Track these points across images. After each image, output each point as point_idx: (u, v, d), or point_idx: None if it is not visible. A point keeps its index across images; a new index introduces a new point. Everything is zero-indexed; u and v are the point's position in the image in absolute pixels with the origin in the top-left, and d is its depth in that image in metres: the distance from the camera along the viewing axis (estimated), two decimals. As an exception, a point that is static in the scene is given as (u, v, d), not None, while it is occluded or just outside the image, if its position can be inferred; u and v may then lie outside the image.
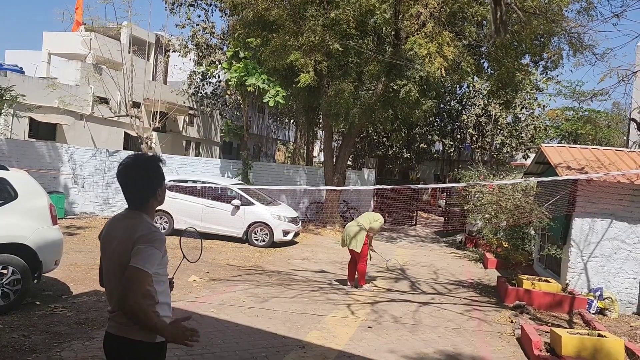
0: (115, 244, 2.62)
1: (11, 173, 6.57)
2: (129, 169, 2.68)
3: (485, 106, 26.13)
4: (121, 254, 2.56)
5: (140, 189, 2.69)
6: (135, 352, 2.62)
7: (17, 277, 6.18)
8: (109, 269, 2.67)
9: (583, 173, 8.61)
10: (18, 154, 14.76)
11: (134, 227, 2.60)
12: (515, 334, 6.93)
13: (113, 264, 2.62)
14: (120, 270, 2.55)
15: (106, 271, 2.71)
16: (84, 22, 22.15)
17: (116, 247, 2.61)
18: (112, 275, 2.64)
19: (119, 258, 2.57)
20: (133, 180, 2.68)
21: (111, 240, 2.66)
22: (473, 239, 15.27)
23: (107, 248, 2.68)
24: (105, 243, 2.71)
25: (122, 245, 2.57)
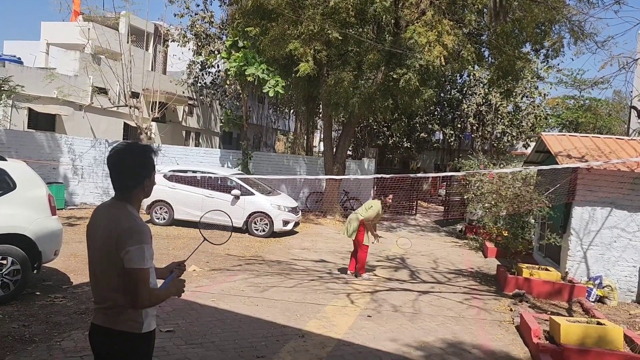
0: (99, 233, 2.58)
1: (9, 163, 6.55)
2: (119, 155, 2.62)
3: (486, 95, 26.02)
4: (105, 244, 2.53)
5: (127, 178, 2.62)
6: (122, 343, 2.59)
7: (17, 267, 6.18)
8: (95, 259, 2.62)
9: (583, 161, 8.58)
10: (17, 145, 14.73)
11: (118, 220, 2.55)
12: (515, 322, 6.95)
13: (99, 253, 2.58)
14: (106, 261, 2.54)
15: (92, 262, 2.66)
16: (81, 12, 22.01)
17: (101, 237, 2.57)
18: (95, 265, 2.61)
19: (104, 247, 2.54)
20: (121, 168, 2.61)
21: (96, 229, 2.62)
22: (473, 228, 15.28)
23: (92, 238, 2.64)
24: (90, 233, 2.67)
25: (106, 235, 2.53)
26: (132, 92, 17.77)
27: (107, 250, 2.52)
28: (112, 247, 2.49)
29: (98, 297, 2.63)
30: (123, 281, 2.51)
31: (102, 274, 2.57)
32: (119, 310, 2.57)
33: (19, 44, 27.48)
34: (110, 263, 2.52)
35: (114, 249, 2.49)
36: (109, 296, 2.57)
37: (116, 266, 2.50)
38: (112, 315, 2.57)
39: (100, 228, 2.58)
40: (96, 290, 2.64)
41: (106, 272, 2.55)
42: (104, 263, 2.55)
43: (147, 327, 2.64)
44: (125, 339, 2.59)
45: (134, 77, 17.69)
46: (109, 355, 2.63)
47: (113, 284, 2.54)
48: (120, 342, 2.60)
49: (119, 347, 2.60)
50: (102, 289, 2.59)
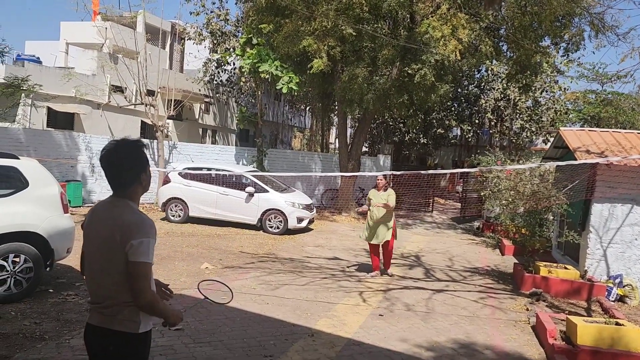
0: (100, 231, 2.56)
1: (22, 162, 6.60)
2: (112, 153, 2.58)
3: (504, 90, 25.62)
4: (108, 240, 2.50)
5: (124, 175, 2.60)
6: (118, 343, 2.56)
7: (30, 265, 6.23)
8: (94, 257, 2.59)
9: (602, 157, 8.35)
10: (36, 144, 14.92)
11: (121, 215, 2.54)
12: (530, 322, 6.79)
13: (100, 250, 2.55)
14: (107, 259, 2.52)
15: (89, 260, 2.63)
16: (99, 12, 22.23)
17: (101, 235, 2.54)
18: (94, 263, 2.59)
19: (107, 244, 2.51)
20: (117, 165, 2.59)
21: (96, 228, 2.60)
22: (490, 225, 15.05)
23: (91, 236, 2.62)
24: (88, 231, 2.64)
25: (109, 231, 2.50)
26: (149, 90, 17.87)
27: (110, 246, 2.50)
28: (116, 242, 2.48)
29: (96, 297, 2.60)
30: (124, 278, 2.49)
31: (103, 272, 2.55)
32: (117, 310, 2.54)
33: (40, 44, 27.92)
34: (112, 260, 2.50)
35: (118, 244, 2.47)
36: (109, 294, 2.54)
37: (119, 262, 2.49)
38: (109, 315, 2.54)
39: (101, 226, 2.56)
40: (94, 289, 2.61)
41: (108, 269, 2.52)
42: (106, 260, 2.53)
43: (144, 327, 2.61)
44: (122, 339, 2.56)
45: (150, 75, 17.79)
46: (105, 356, 2.60)
47: (114, 282, 2.52)
48: (117, 343, 2.56)
49: (116, 348, 2.57)
50: (102, 288, 2.57)
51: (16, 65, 18.39)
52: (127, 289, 2.51)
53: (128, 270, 2.47)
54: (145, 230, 2.51)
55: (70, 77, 17.94)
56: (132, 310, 2.55)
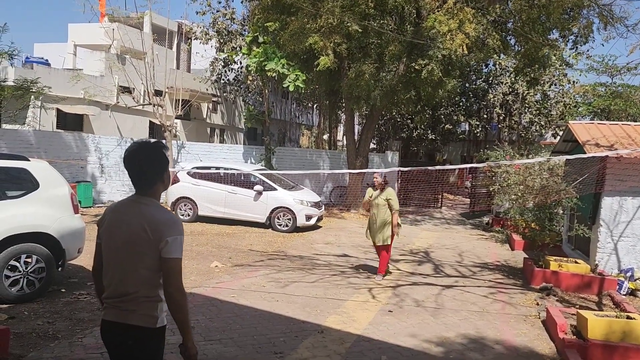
0: (125, 228, 2.62)
1: (32, 163, 6.68)
2: (136, 154, 2.68)
3: (513, 84, 25.45)
4: (136, 238, 2.58)
5: (149, 174, 2.69)
6: (137, 338, 2.63)
7: (41, 265, 6.31)
8: (115, 253, 2.65)
9: (612, 150, 8.28)
10: (46, 145, 15.06)
11: (151, 213, 2.62)
12: (541, 316, 6.77)
13: (126, 248, 2.61)
14: (133, 254, 2.59)
15: (108, 257, 2.69)
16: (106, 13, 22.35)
17: (128, 232, 2.60)
18: (117, 260, 2.64)
19: (134, 241, 2.58)
20: (142, 165, 2.68)
21: (119, 225, 2.65)
22: (500, 220, 14.99)
23: (115, 233, 2.66)
24: (111, 229, 2.68)
25: (138, 229, 2.58)
26: (156, 91, 17.96)
27: (139, 242, 2.57)
28: (147, 238, 2.55)
29: (115, 292, 2.65)
30: (149, 273, 2.60)
31: (127, 267, 2.61)
32: (136, 304, 2.62)
33: (48, 46, 28.10)
34: (141, 255, 2.58)
35: (150, 240, 2.55)
36: (131, 290, 2.61)
37: (147, 258, 2.58)
38: (127, 309, 2.62)
39: (129, 223, 2.62)
40: (114, 285, 2.66)
41: (134, 264, 2.59)
42: (134, 255, 2.59)
43: (161, 322, 2.69)
44: (141, 333, 2.63)
45: (157, 75, 17.87)
46: (124, 350, 2.67)
47: (139, 277, 2.60)
48: (136, 337, 2.63)
49: (134, 342, 2.64)
50: (124, 283, 2.62)
51: (25, 67, 18.56)
52: (150, 285, 2.62)
53: (162, 267, 2.57)
54: (178, 227, 2.62)
55: (79, 78, 18.08)
56: (150, 305, 2.64)
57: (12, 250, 6.09)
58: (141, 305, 2.62)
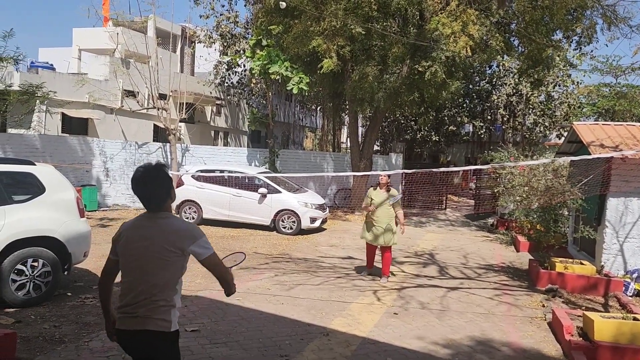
0: (147, 242, 2.84)
1: (38, 168, 6.71)
2: (144, 179, 2.91)
3: (516, 85, 25.40)
4: (160, 249, 2.81)
5: (162, 192, 2.93)
6: (158, 342, 2.83)
7: (48, 269, 6.34)
8: (137, 264, 2.85)
9: (617, 151, 8.26)
10: (51, 149, 15.13)
11: (172, 225, 2.90)
12: (547, 318, 6.75)
13: (149, 258, 2.82)
14: (156, 264, 2.82)
15: (128, 268, 2.88)
16: (110, 17, 22.47)
17: (151, 244, 2.83)
18: (139, 270, 2.84)
19: (158, 253, 2.81)
20: (155, 186, 2.91)
21: (140, 239, 2.86)
22: (505, 221, 14.94)
23: (136, 247, 2.86)
24: (132, 243, 2.88)
25: (161, 241, 2.83)
26: (160, 94, 18.03)
27: (162, 253, 2.81)
28: (171, 247, 2.82)
29: (134, 300, 2.82)
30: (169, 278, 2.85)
31: (150, 277, 2.82)
32: (153, 310, 2.81)
33: (53, 50, 28.26)
34: (163, 264, 2.82)
35: (175, 248, 2.82)
36: (148, 296, 2.81)
37: (170, 266, 2.84)
38: (143, 315, 2.80)
39: (149, 237, 2.85)
40: (133, 294, 2.83)
41: (156, 273, 2.82)
42: (156, 266, 2.82)
43: (174, 327, 2.89)
44: (159, 338, 2.83)
45: (162, 79, 17.94)
46: (146, 356, 2.87)
47: (159, 282, 2.83)
48: (154, 342, 2.83)
49: (154, 347, 2.84)
50: (142, 292, 2.81)
51: (30, 72, 18.67)
52: (169, 291, 2.86)
53: (205, 267, 2.90)
54: (197, 231, 2.92)
55: (84, 82, 18.16)
56: (165, 310, 2.83)
57: (19, 255, 6.13)
58: (157, 310, 2.81)
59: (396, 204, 8.42)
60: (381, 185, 8.50)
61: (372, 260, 8.88)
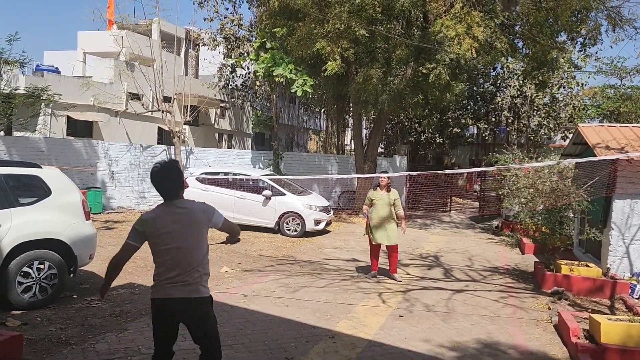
0: (182, 225, 3.49)
1: (44, 170, 6.74)
2: (164, 172, 3.54)
3: (521, 87, 25.36)
4: (197, 226, 3.54)
5: (177, 184, 3.59)
6: (203, 306, 3.55)
7: (54, 271, 6.36)
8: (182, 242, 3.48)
9: (623, 153, 8.23)
10: (57, 152, 15.20)
11: (195, 206, 3.63)
12: (553, 321, 6.72)
13: (190, 235, 3.50)
14: (199, 235, 3.55)
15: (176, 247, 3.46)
16: (115, 20, 22.55)
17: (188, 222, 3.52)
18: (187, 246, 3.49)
19: (196, 229, 3.54)
20: (171, 180, 3.56)
21: (175, 223, 3.48)
22: (509, 224, 14.91)
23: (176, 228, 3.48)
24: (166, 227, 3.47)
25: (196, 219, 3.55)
26: (165, 97, 18.07)
27: (199, 227, 3.55)
28: (202, 222, 3.57)
29: (182, 272, 3.46)
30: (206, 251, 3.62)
31: (194, 249, 3.51)
32: (196, 279, 3.50)
33: (58, 54, 28.41)
34: (202, 236, 3.57)
35: (204, 222, 3.58)
36: (197, 267, 3.50)
37: (204, 238, 3.59)
38: (194, 283, 3.48)
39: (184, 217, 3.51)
40: (182, 268, 3.46)
41: (199, 245, 3.54)
42: (198, 238, 3.54)
43: (209, 292, 3.63)
44: (204, 302, 3.57)
45: (166, 81, 17.99)
46: (197, 320, 3.56)
47: (203, 254, 3.57)
48: (202, 306, 3.55)
49: (201, 310, 3.55)
50: (192, 263, 3.48)
51: (36, 75, 18.75)
52: (205, 262, 3.59)
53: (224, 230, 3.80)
54: (211, 207, 3.70)
55: (89, 85, 18.22)
56: (205, 278, 3.60)
57: (25, 257, 6.15)
58: (201, 279, 3.52)
59: (397, 204, 8.62)
60: (381, 187, 8.74)
61: (376, 261, 8.90)
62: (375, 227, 8.62)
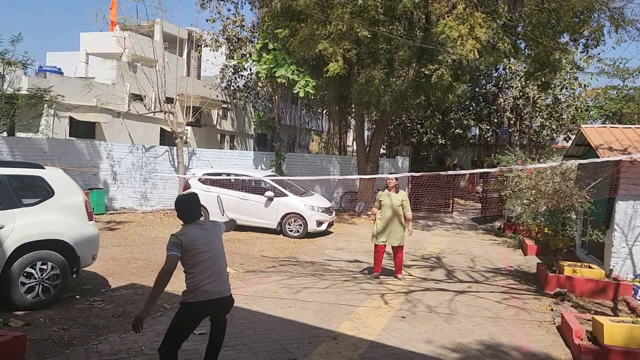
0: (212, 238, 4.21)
1: (47, 171, 6.75)
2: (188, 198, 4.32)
3: (523, 88, 25.33)
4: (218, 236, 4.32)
5: (198, 209, 4.33)
6: (231, 304, 4.32)
7: (57, 272, 6.38)
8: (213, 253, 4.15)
9: (626, 154, 8.21)
10: (59, 153, 15.21)
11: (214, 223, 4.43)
12: (555, 322, 6.71)
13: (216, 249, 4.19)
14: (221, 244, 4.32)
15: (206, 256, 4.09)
16: (117, 22, 22.58)
17: (218, 238, 4.31)
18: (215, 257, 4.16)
19: (218, 238, 4.32)
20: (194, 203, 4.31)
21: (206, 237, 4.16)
22: (512, 225, 14.89)
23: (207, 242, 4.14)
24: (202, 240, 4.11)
25: (218, 235, 4.34)
26: (167, 98, 18.08)
27: (219, 239, 4.31)
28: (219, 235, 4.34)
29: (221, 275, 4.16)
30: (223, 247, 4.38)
31: (222, 259, 4.26)
32: (228, 280, 4.30)
33: (61, 55, 28.41)
34: (222, 247, 4.32)
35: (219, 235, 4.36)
36: (226, 269, 4.30)
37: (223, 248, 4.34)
38: (226, 284, 4.21)
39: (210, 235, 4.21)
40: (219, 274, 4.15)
41: (222, 254, 4.28)
42: (222, 251, 4.28)
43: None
44: (232, 300, 4.33)
45: (168, 82, 18.01)
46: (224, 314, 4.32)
47: (226, 260, 4.35)
48: (232, 302, 4.34)
49: (230, 307, 4.34)
50: (222, 268, 4.22)
51: (38, 76, 18.77)
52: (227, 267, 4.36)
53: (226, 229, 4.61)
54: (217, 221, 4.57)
55: (91, 86, 18.24)
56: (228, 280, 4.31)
57: (28, 257, 6.17)
58: (228, 281, 4.25)
59: (405, 205, 8.71)
60: (389, 188, 8.80)
61: (380, 262, 8.93)
62: (383, 227, 8.72)
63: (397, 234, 8.68)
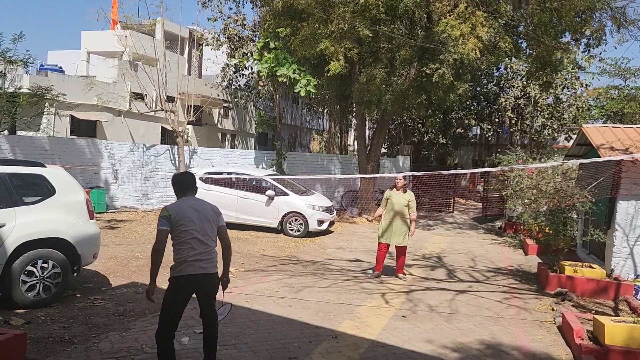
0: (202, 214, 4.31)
1: (48, 169, 6.75)
2: (184, 177, 4.53)
3: (524, 88, 25.30)
4: (210, 216, 4.37)
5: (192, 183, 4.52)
6: (217, 281, 4.37)
7: (57, 270, 6.38)
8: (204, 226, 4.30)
9: (627, 154, 8.20)
10: (60, 151, 15.22)
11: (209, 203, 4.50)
12: (556, 322, 6.70)
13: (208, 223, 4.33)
14: (211, 225, 4.36)
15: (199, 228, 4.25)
16: (119, 20, 22.58)
17: (205, 212, 4.35)
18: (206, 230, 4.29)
19: (211, 219, 4.36)
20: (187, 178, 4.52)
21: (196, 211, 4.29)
22: (513, 224, 14.88)
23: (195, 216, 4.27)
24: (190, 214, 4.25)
25: (210, 213, 4.38)
26: (168, 97, 18.08)
27: (213, 219, 4.37)
28: (214, 217, 4.39)
29: (203, 252, 4.23)
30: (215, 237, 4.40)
31: (210, 235, 4.32)
32: (214, 258, 4.31)
33: (62, 53, 28.47)
34: (213, 228, 4.37)
35: (215, 218, 4.40)
36: (212, 249, 4.31)
37: (214, 230, 4.39)
38: (211, 262, 4.28)
39: (202, 208, 4.35)
40: (202, 248, 4.24)
41: (212, 232, 4.36)
42: (211, 227, 4.34)
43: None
44: (217, 277, 4.38)
45: (169, 81, 18.01)
46: (210, 291, 4.35)
47: (215, 242, 4.37)
48: (217, 280, 4.40)
49: (216, 284, 4.38)
50: (209, 245, 4.29)
51: (40, 75, 18.78)
52: (215, 244, 4.37)
53: (221, 230, 4.46)
54: (218, 209, 4.53)
55: (92, 85, 18.24)
56: (216, 257, 4.34)
57: (29, 256, 6.17)
58: (215, 258, 4.30)
59: (411, 206, 8.81)
60: (397, 187, 8.91)
61: (382, 261, 8.96)
62: (388, 226, 8.78)
63: (401, 234, 8.73)
